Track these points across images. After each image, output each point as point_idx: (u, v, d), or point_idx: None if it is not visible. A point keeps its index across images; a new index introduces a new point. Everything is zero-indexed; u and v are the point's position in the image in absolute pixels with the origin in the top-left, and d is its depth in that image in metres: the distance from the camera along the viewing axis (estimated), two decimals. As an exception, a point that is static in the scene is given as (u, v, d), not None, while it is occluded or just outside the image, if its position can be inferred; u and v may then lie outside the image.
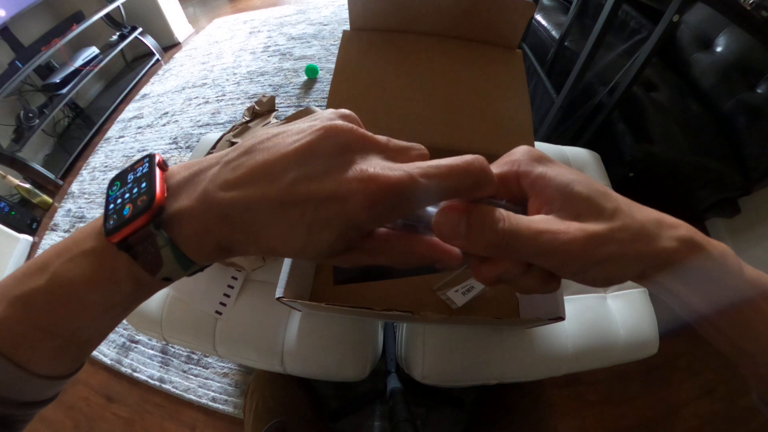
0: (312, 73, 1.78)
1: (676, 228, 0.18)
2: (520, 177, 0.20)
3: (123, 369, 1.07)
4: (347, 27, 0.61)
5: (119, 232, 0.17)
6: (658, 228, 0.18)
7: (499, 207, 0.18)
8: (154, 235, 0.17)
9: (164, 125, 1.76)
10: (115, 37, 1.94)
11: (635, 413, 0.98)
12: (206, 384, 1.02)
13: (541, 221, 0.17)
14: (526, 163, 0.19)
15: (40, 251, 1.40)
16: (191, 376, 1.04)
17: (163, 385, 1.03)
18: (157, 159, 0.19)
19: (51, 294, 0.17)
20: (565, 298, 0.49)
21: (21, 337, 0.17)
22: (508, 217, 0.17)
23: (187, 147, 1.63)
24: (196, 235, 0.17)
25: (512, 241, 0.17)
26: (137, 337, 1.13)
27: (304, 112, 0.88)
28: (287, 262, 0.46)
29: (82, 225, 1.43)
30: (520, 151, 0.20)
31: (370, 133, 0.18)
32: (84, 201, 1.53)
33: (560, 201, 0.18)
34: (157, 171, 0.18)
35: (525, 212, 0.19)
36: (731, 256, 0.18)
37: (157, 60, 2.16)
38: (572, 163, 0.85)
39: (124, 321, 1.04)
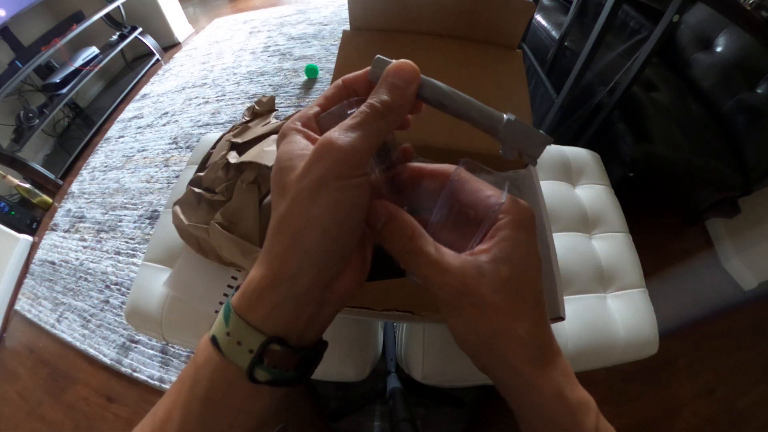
0: (312, 73, 1.78)
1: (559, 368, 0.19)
2: (504, 221, 0.19)
3: (123, 369, 1.07)
4: (347, 27, 0.61)
5: None
6: (537, 361, 0.19)
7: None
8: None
9: (164, 125, 1.76)
10: (115, 37, 1.94)
11: (635, 413, 0.98)
12: (206, 384, 1.02)
13: (446, 258, 0.19)
14: (514, 223, 0.19)
15: (40, 251, 1.40)
16: (191, 376, 1.04)
17: (163, 385, 1.03)
18: None
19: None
20: (565, 298, 0.49)
21: None
22: (419, 237, 0.19)
23: (187, 147, 1.63)
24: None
25: (406, 257, 0.19)
26: (137, 337, 1.13)
27: None
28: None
29: (81, 225, 1.43)
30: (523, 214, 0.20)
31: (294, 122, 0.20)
32: (84, 201, 1.53)
33: (496, 256, 0.19)
34: None
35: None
36: (593, 413, 0.19)
37: (157, 60, 2.16)
38: (572, 164, 0.85)
39: (124, 321, 1.04)
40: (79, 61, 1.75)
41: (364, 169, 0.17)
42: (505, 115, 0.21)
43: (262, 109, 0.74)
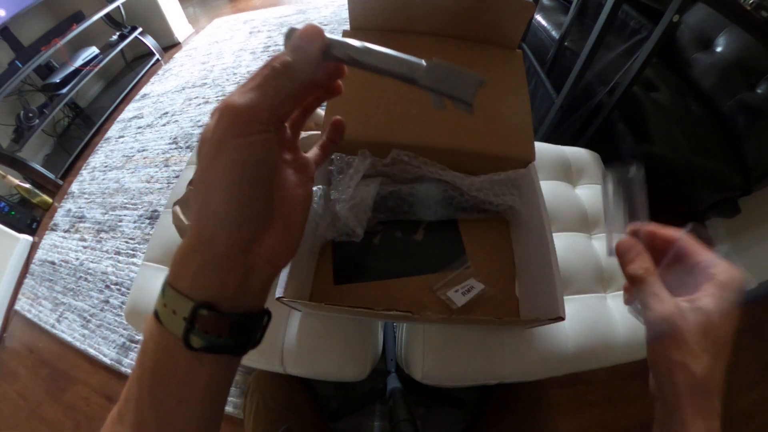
0: (312, 73, 1.78)
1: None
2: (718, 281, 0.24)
3: (123, 369, 1.07)
4: (347, 27, 0.61)
5: None
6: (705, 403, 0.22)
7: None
8: None
9: (164, 125, 1.76)
10: (115, 37, 1.94)
11: (635, 413, 0.98)
12: (206, 384, 1.02)
13: (663, 294, 0.25)
14: (721, 284, 0.24)
15: (40, 251, 1.40)
16: (191, 376, 1.04)
17: (163, 385, 1.03)
18: None
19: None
20: (565, 297, 0.49)
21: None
22: (651, 273, 0.25)
23: (187, 147, 1.63)
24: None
25: (637, 282, 0.26)
26: (137, 337, 1.13)
27: None
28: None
29: (81, 225, 1.43)
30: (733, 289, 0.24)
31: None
32: (84, 201, 1.53)
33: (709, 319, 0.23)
34: None
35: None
36: None
37: (157, 60, 2.16)
38: (572, 163, 0.85)
39: (124, 321, 1.04)
40: (79, 61, 1.75)
41: (262, 126, 0.18)
42: (424, 61, 0.20)
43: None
